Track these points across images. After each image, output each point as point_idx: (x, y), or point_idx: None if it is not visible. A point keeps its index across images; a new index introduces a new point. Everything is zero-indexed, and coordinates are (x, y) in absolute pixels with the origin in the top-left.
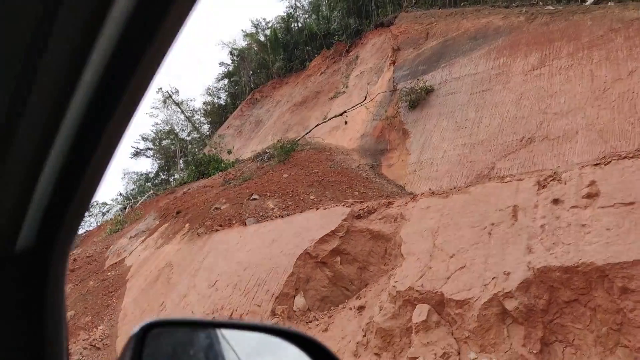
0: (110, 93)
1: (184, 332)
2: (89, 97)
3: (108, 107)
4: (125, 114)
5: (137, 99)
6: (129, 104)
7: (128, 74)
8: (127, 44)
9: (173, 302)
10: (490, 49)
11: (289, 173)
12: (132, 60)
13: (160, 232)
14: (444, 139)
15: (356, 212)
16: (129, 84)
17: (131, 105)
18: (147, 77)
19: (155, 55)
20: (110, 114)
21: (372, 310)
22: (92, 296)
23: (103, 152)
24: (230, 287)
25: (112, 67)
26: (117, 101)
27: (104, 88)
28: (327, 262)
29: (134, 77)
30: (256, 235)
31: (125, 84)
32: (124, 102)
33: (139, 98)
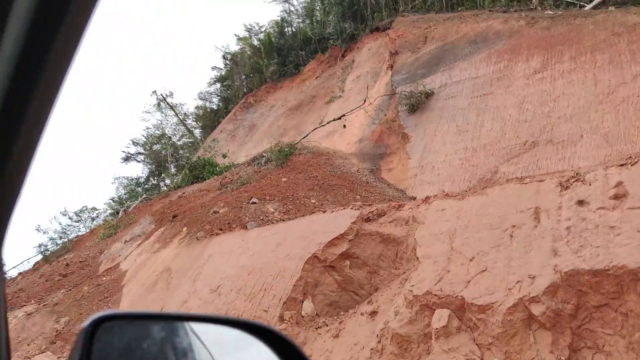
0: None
1: (139, 326)
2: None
3: (20, 106)
4: (38, 115)
5: (50, 100)
6: (42, 105)
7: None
8: (31, 44)
9: (173, 307)
10: (491, 53)
11: (288, 177)
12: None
13: (157, 236)
14: (445, 143)
15: (365, 215)
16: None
17: (45, 104)
18: (57, 77)
19: (62, 54)
20: (23, 113)
21: (386, 315)
22: (86, 302)
23: (20, 156)
24: (234, 291)
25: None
26: (28, 101)
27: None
28: (335, 266)
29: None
30: (259, 239)
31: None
32: (36, 103)
33: (51, 99)
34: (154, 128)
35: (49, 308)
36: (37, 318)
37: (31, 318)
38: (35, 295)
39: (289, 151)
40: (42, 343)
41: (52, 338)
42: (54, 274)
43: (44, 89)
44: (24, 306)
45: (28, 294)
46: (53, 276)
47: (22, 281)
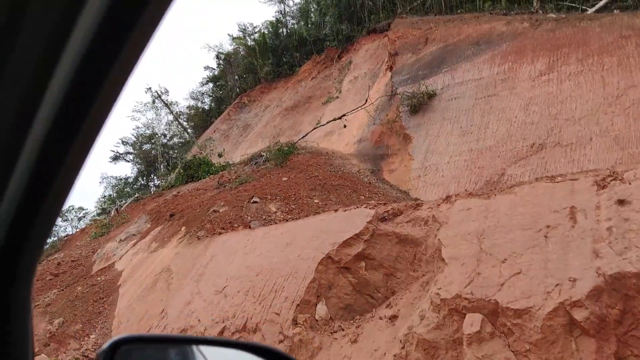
0: (83, 95)
1: (156, 349)
2: (61, 98)
3: (81, 109)
4: (99, 116)
5: (111, 101)
6: (103, 106)
7: (101, 75)
8: (99, 46)
9: (175, 309)
10: (495, 55)
11: (288, 176)
12: (105, 61)
13: (153, 236)
14: (449, 144)
15: (380, 215)
16: (102, 86)
17: (105, 107)
18: (121, 78)
19: (129, 56)
20: (83, 115)
21: (407, 319)
22: (81, 302)
23: (76, 155)
24: (242, 293)
25: (85, 68)
26: (90, 103)
27: (77, 89)
28: (350, 268)
29: (107, 79)
30: (266, 239)
31: (99, 86)
32: (98, 104)
33: (113, 100)
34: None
35: (41, 308)
36: None
37: None
38: None
39: (288, 150)
40: (35, 345)
41: (46, 340)
42: (45, 274)
43: (103, 100)
44: None
45: None
46: (44, 275)
47: None
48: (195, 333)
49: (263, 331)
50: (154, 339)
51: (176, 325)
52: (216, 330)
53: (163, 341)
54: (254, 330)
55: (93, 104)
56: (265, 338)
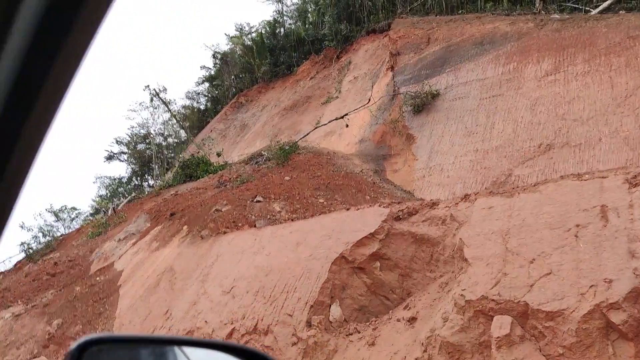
0: (25, 93)
1: (126, 350)
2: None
3: (24, 107)
4: (43, 116)
5: (55, 101)
6: (47, 105)
7: (43, 74)
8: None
9: (180, 310)
10: (499, 55)
11: (291, 176)
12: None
13: (154, 235)
14: (453, 144)
15: (395, 213)
16: (44, 85)
17: (50, 106)
18: (65, 77)
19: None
20: (26, 115)
21: (427, 321)
22: (80, 303)
23: (22, 158)
24: (251, 294)
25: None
26: (33, 102)
27: (19, 87)
28: (365, 268)
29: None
30: (275, 238)
31: (41, 84)
32: (41, 103)
33: (57, 100)
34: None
35: (39, 309)
36: (26, 320)
37: (20, 320)
38: (21, 295)
39: (290, 150)
40: (34, 347)
41: (45, 341)
42: (41, 273)
43: (50, 91)
44: (10, 307)
45: (14, 293)
46: (41, 275)
47: (5, 280)
48: (202, 335)
49: (275, 333)
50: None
51: (182, 327)
52: (225, 332)
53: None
54: (265, 332)
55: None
56: (277, 340)
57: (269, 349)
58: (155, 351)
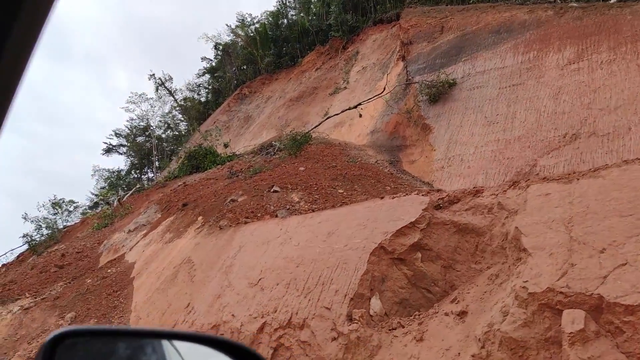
0: None
1: (103, 343)
2: None
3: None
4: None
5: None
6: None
7: None
8: None
9: (203, 303)
10: (517, 43)
11: (305, 166)
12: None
13: (166, 226)
14: (473, 135)
15: (434, 202)
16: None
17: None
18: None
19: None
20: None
21: (481, 316)
22: (93, 296)
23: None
24: (282, 286)
25: None
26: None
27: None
28: (405, 259)
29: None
30: (303, 228)
31: None
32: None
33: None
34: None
35: (49, 302)
36: (36, 313)
37: (29, 313)
38: (29, 287)
39: (303, 140)
40: None
41: None
42: (48, 265)
43: None
44: (18, 299)
45: (20, 286)
46: (48, 267)
47: (9, 273)
48: (229, 329)
49: (312, 327)
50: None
51: (206, 321)
52: (255, 326)
53: (112, 334)
54: (300, 326)
55: None
56: (315, 335)
57: (305, 344)
58: (132, 344)
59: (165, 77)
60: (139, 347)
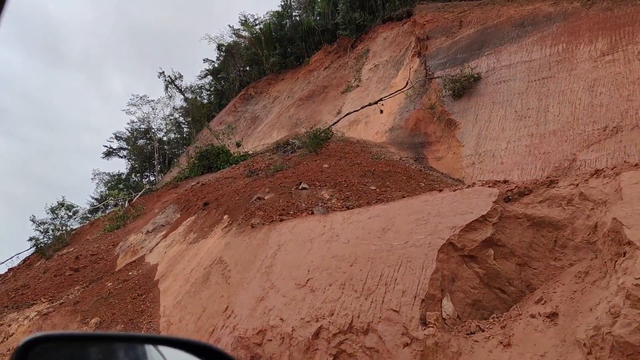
0: None
1: (75, 348)
2: None
3: None
4: None
5: None
6: None
7: None
8: None
9: (245, 306)
10: (544, 36)
11: (329, 163)
12: None
13: (188, 226)
14: (503, 129)
15: (503, 194)
16: None
17: None
18: None
19: None
20: None
21: (575, 318)
22: (117, 300)
23: None
24: (336, 286)
25: None
26: None
27: None
28: (476, 256)
29: None
30: (350, 224)
31: None
32: None
33: None
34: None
35: (69, 307)
36: (56, 319)
37: (49, 319)
38: (44, 292)
39: (324, 136)
40: None
41: None
42: (63, 269)
43: None
44: (34, 304)
45: (34, 290)
46: (63, 271)
47: (19, 277)
48: (279, 334)
49: (380, 332)
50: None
51: (250, 325)
52: (309, 330)
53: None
54: (364, 331)
55: None
56: (384, 340)
57: (372, 350)
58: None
59: (175, 74)
60: (111, 351)
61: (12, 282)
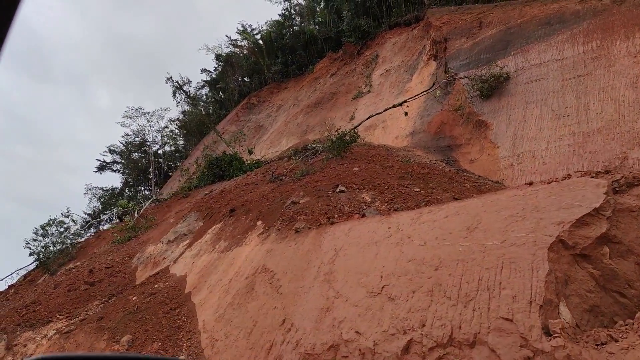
0: None
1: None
2: None
3: None
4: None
5: None
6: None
7: None
8: None
9: (307, 318)
10: (574, 33)
11: (358, 166)
12: None
13: (215, 234)
14: (541, 129)
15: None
16: None
17: None
18: None
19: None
20: None
21: None
22: (147, 315)
23: None
24: (422, 293)
25: None
26: None
27: None
28: (590, 255)
29: None
30: (421, 225)
31: None
32: None
33: None
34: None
35: (93, 324)
36: (80, 337)
37: (71, 337)
38: (58, 308)
39: (350, 140)
40: None
41: None
42: (76, 283)
43: None
44: (50, 322)
45: (47, 307)
46: (76, 285)
47: (25, 293)
48: (356, 349)
49: (491, 344)
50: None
51: (318, 340)
52: (396, 344)
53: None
54: (470, 343)
55: None
56: (498, 354)
57: None
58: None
59: (183, 80)
60: None
61: (19, 299)
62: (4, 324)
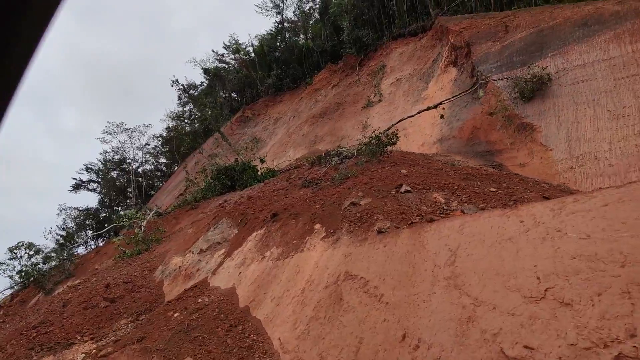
0: None
1: None
2: None
3: None
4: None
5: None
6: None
7: None
8: None
9: (441, 331)
10: (619, 33)
11: (407, 169)
12: None
13: (259, 240)
14: (599, 130)
15: None
16: None
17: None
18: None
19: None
20: None
21: None
22: (204, 334)
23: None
24: (611, 296)
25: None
26: None
27: None
28: None
29: None
30: (571, 216)
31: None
32: None
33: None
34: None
35: (134, 345)
36: None
37: None
38: (77, 328)
39: (388, 142)
40: None
41: None
42: (93, 300)
43: None
44: (73, 344)
45: (62, 327)
46: (94, 302)
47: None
48: None
49: None
50: None
51: (466, 358)
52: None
53: None
54: None
55: None
56: None
57: None
58: None
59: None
60: None
61: (18, 320)
62: (11, 348)
